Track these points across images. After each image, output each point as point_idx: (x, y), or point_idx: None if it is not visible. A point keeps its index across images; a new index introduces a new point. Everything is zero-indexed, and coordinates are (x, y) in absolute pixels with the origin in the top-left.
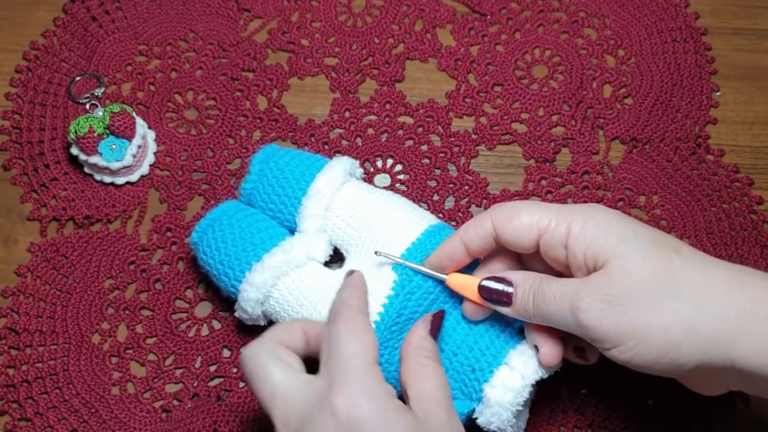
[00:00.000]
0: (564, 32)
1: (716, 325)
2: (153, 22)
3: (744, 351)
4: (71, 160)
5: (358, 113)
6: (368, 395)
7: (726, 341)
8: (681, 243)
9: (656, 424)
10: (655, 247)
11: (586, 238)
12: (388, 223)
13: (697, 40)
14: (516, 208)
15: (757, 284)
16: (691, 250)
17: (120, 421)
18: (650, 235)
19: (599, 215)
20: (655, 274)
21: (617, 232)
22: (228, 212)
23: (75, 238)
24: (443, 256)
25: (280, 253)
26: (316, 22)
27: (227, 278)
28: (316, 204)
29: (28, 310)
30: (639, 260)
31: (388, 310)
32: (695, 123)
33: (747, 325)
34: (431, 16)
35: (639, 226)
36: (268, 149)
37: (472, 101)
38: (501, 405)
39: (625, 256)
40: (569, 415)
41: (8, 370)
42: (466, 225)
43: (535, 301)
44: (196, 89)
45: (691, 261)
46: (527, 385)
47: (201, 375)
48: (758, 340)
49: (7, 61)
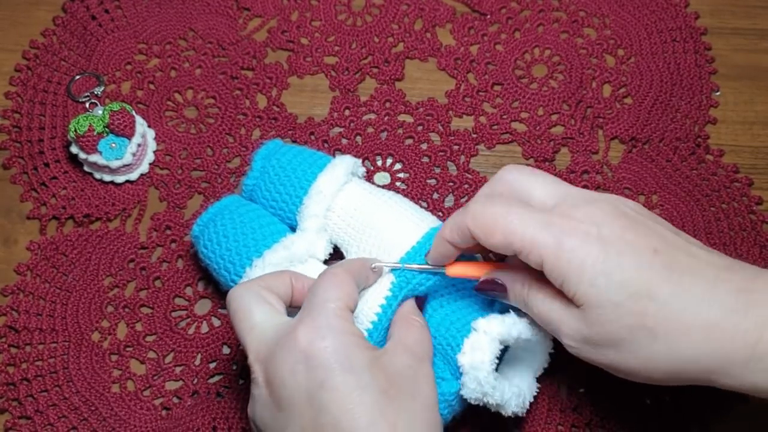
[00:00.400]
0: (564, 32)
1: (692, 367)
2: (152, 21)
3: (722, 384)
4: (71, 159)
5: (357, 112)
6: (332, 330)
7: (704, 377)
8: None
9: (654, 424)
10: (630, 296)
11: (560, 273)
12: (389, 226)
13: (696, 40)
14: (491, 224)
15: (735, 326)
16: (671, 287)
17: (120, 418)
18: (626, 278)
19: (575, 247)
20: (631, 326)
21: (591, 276)
22: (230, 207)
23: (75, 236)
24: (440, 256)
25: (281, 250)
26: (316, 21)
27: (227, 273)
28: (317, 204)
29: (28, 308)
30: (613, 313)
31: (386, 310)
32: (695, 123)
33: (722, 370)
34: (431, 15)
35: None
36: (271, 145)
37: (472, 100)
38: (473, 366)
39: (600, 308)
40: (567, 414)
41: (8, 368)
42: (449, 228)
43: (526, 306)
44: (196, 88)
45: (667, 305)
46: (493, 340)
47: (201, 372)
48: (734, 381)
49: (7, 60)
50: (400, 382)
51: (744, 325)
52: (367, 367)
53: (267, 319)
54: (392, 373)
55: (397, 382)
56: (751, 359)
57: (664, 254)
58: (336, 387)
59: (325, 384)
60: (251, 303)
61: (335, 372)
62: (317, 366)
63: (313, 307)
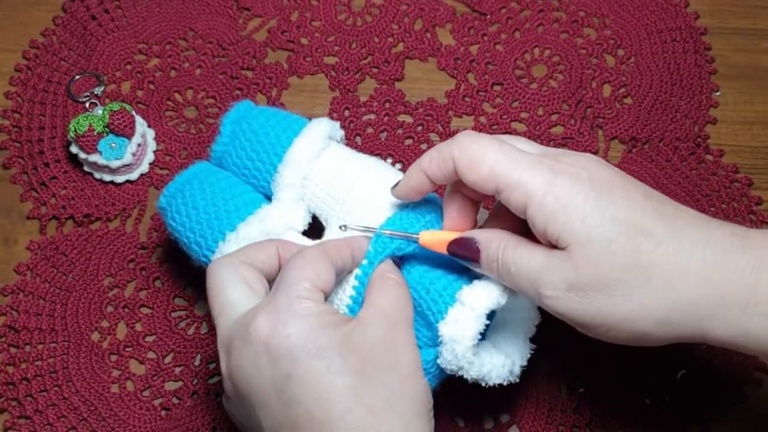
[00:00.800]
0: (564, 32)
1: (687, 313)
2: (152, 21)
3: (714, 335)
4: (71, 159)
5: (357, 112)
6: (295, 316)
7: (698, 326)
8: (653, 216)
9: (654, 424)
10: (623, 232)
11: (545, 213)
12: (370, 194)
13: (696, 40)
14: (479, 155)
15: (733, 266)
16: (665, 227)
17: (119, 419)
18: (619, 215)
19: (565, 186)
20: (624, 265)
21: (581, 213)
22: (199, 175)
23: (74, 236)
24: (410, 190)
25: (256, 223)
26: (316, 21)
27: (198, 247)
28: (293, 173)
29: (28, 308)
30: (605, 250)
31: (362, 281)
32: (695, 123)
33: (718, 313)
34: (431, 15)
35: (607, 201)
36: (242, 106)
37: (472, 100)
38: (454, 339)
39: (590, 245)
40: (567, 414)
41: (8, 368)
42: (429, 157)
43: (500, 269)
44: (196, 88)
45: (663, 245)
46: (480, 316)
47: (200, 373)
48: (728, 327)
49: (7, 60)
50: (375, 356)
51: (742, 265)
52: (337, 348)
53: (240, 300)
54: (366, 347)
55: (371, 356)
56: (749, 302)
57: (654, 200)
58: (304, 377)
59: (293, 375)
60: (226, 281)
61: (301, 360)
62: (281, 356)
63: (277, 292)
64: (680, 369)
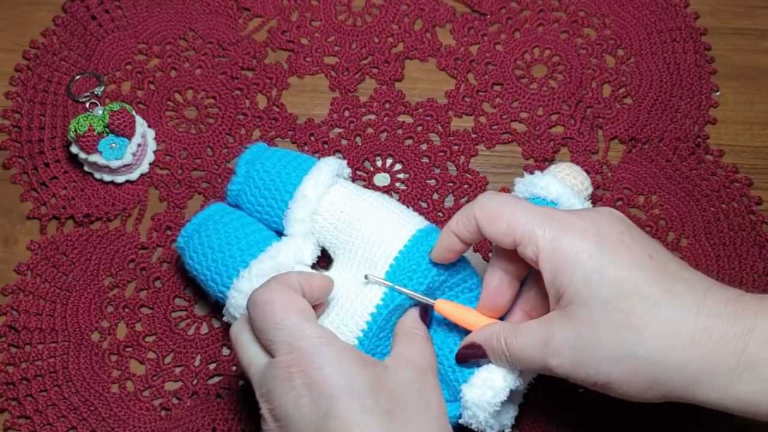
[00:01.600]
0: (564, 32)
1: (677, 377)
2: (152, 21)
3: (703, 398)
4: (71, 159)
5: (357, 112)
6: (325, 357)
7: (687, 388)
8: (652, 278)
9: (654, 424)
10: (619, 294)
11: (553, 268)
12: (376, 228)
13: (696, 40)
14: (497, 211)
15: (723, 333)
16: (660, 289)
17: (119, 419)
18: (618, 276)
19: (573, 242)
20: (618, 326)
21: (584, 273)
22: (214, 216)
23: (75, 236)
24: (444, 250)
25: (267, 260)
26: (316, 21)
27: (215, 284)
28: (303, 208)
29: (28, 308)
30: (602, 310)
31: (375, 319)
32: (694, 123)
33: (706, 378)
34: (431, 15)
35: (609, 259)
36: (255, 149)
37: (472, 100)
38: (478, 406)
39: (589, 305)
40: (567, 415)
41: (8, 368)
42: (456, 218)
43: (509, 358)
44: (196, 88)
45: (657, 307)
46: (507, 388)
47: (200, 373)
48: (716, 392)
49: (8, 60)
50: (404, 399)
51: (731, 332)
52: (369, 389)
53: (261, 351)
54: (395, 390)
55: (401, 399)
56: (737, 367)
57: (658, 261)
58: (340, 414)
59: (330, 413)
60: (247, 341)
61: (338, 399)
62: (320, 396)
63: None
64: None
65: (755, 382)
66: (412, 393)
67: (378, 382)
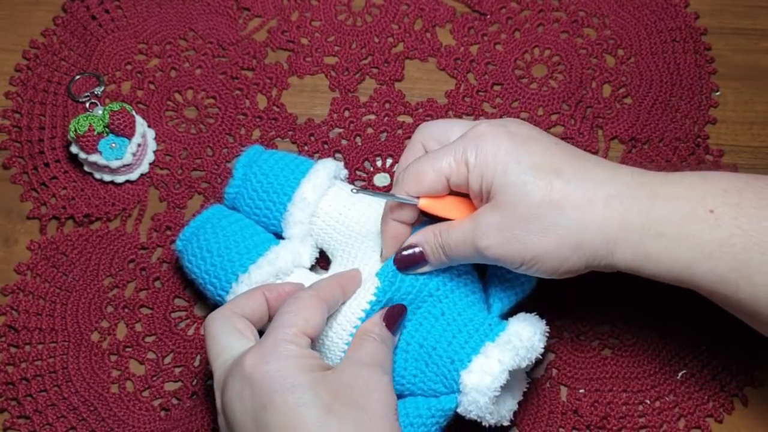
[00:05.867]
0: (564, 32)
1: (597, 238)
2: (152, 21)
3: (621, 258)
4: (71, 159)
5: (357, 112)
6: (277, 355)
7: (606, 251)
8: (564, 160)
9: (653, 424)
10: (536, 174)
11: (478, 173)
12: (373, 229)
13: (696, 40)
14: (420, 167)
15: (632, 196)
16: (572, 168)
17: (119, 419)
18: (533, 161)
19: (489, 144)
20: (539, 202)
21: (503, 164)
22: (212, 219)
23: (75, 236)
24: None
25: (266, 265)
26: (316, 21)
27: (213, 287)
28: (301, 211)
29: (28, 307)
30: (522, 191)
31: (369, 314)
32: (694, 123)
33: (621, 236)
34: (431, 15)
35: (523, 151)
36: (252, 151)
37: (472, 100)
38: (478, 390)
39: (509, 188)
40: (567, 416)
41: (7, 368)
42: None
43: (445, 252)
44: (196, 88)
45: (572, 181)
46: (504, 371)
47: (200, 373)
48: (630, 249)
49: (7, 60)
50: (344, 395)
51: (639, 195)
52: (310, 386)
53: (233, 346)
54: (338, 387)
55: (343, 395)
56: (645, 225)
57: (567, 148)
58: (278, 407)
59: (268, 405)
60: (219, 330)
61: (276, 393)
62: (260, 389)
63: (267, 335)
64: (680, 369)
65: (659, 238)
66: (356, 389)
67: (321, 380)
